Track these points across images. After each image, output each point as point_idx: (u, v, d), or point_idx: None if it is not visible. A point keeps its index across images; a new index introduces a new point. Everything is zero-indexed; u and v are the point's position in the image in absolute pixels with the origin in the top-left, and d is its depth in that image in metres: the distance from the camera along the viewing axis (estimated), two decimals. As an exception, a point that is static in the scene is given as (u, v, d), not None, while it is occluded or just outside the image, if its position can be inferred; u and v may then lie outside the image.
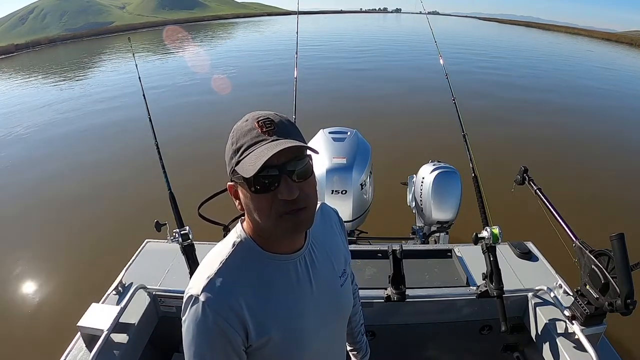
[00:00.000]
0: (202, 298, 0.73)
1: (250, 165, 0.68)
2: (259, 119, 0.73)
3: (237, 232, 0.83)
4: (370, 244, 2.49)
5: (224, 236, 0.89)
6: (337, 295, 0.91)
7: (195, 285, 0.75)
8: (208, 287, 0.74)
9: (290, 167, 0.71)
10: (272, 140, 0.70)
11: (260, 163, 0.66)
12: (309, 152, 0.75)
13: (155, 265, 1.83)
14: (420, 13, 3.81)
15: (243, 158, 0.71)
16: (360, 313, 1.24)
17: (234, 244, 0.80)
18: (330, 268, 0.90)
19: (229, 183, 0.79)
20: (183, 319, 0.76)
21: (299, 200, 0.71)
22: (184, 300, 0.76)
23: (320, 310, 0.85)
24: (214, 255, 0.81)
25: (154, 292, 1.67)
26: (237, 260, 0.79)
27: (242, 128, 0.74)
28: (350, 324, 1.18)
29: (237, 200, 0.79)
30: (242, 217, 0.85)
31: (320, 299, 0.85)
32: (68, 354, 1.39)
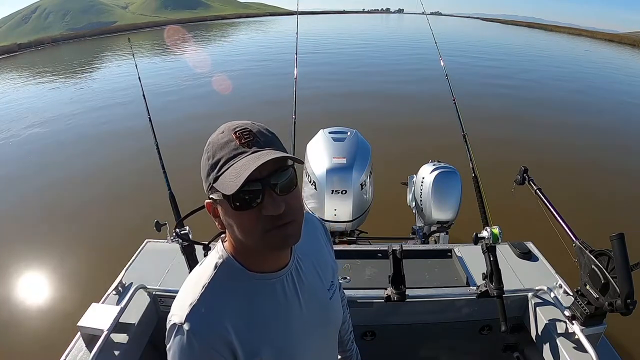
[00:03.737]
0: (186, 327, 0.69)
1: (231, 182, 0.64)
2: (236, 129, 0.69)
3: (218, 252, 0.78)
4: (370, 244, 2.49)
5: (205, 255, 0.85)
6: (327, 309, 0.89)
7: (178, 312, 0.72)
8: (191, 315, 0.70)
9: (274, 180, 0.67)
10: (252, 152, 0.67)
11: (242, 179, 0.62)
12: (292, 161, 0.71)
13: (155, 265, 1.83)
14: (423, 14, 3.81)
15: (222, 173, 0.67)
16: (349, 321, 1.21)
17: (215, 265, 0.76)
18: (318, 282, 0.87)
19: (206, 201, 0.75)
20: (167, 347, 0.72)
21: (286, 214, 0.67)
22: (167, 327, 0.72)
23: (311, 327, 0.83)
24: (195, 279, 0.77)
25: (154, 292, 1.67)
26: (221, 283, 0.75)
27: (218, 140, 0.69)
28: (340, 332, 1.14)
29: (217, 219, 0.75)
30: (223, 235, 0.80)
31: (309, 315, 0.82)
32: (68, 354, 1.39)
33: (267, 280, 0.77)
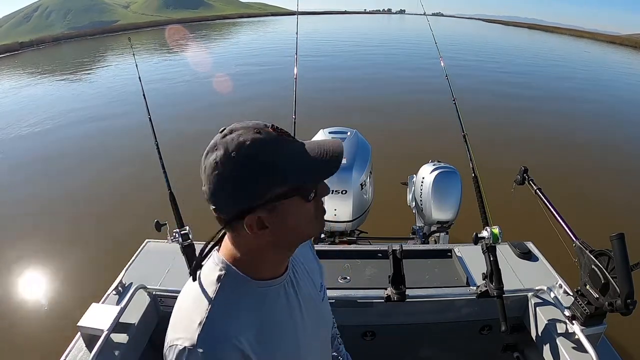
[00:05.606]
0: (200, 349, 0.62)
1: (325, 164, 0.65)
2: (268, 125, 0.66)
3: (217, 265, 0.72)
4: (370, 244, 2.49)
5: (194, 272, 0.72)
6: (321, 310, 0.90)
7: (185, 335, 0.64)
8: (204, 335, 0.63)
9: None
10: (305, 141, 0.68)
11: (338, 153, 0.65)
12: None
13: (155, 265, 1.83)
14: (424, 14, 3.81)
15: (314, 161, 0.65)
16: (332, 321, 1.19)
17: (218, 278, 0.70)
18: (311, 284, 0.87)
19: (249, 216, 0.64)
20: None
21: None
22: (174, 353, 0.64)
23: (311, 330, 0.83)
24: (196, 295, 0.70)
25: (154, 292, 1.67)
26: (228, 296, 0.69)
27: (266, 139, 0.63)
28: None
29: (262, 230, 0.66)
30: (217, 247, 0.75)
31: (309, 319, 0.82)
32: (68, 354, 1.39)
33: (271, 287, 0.74)
